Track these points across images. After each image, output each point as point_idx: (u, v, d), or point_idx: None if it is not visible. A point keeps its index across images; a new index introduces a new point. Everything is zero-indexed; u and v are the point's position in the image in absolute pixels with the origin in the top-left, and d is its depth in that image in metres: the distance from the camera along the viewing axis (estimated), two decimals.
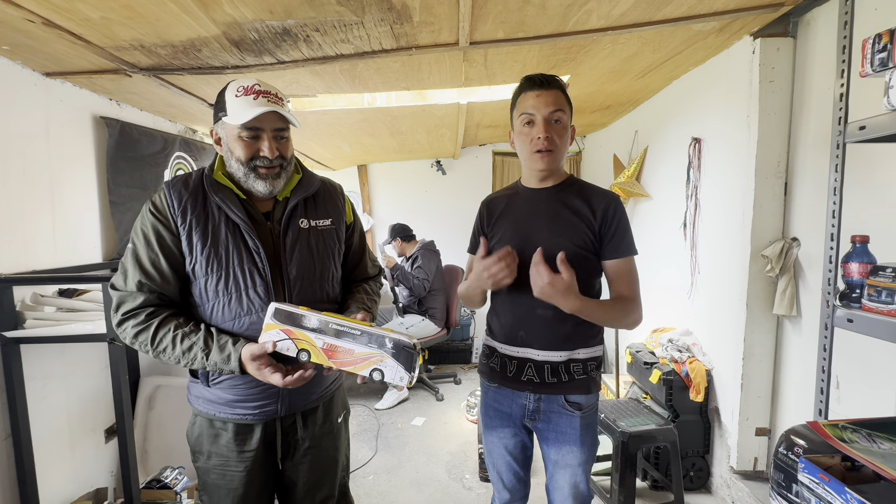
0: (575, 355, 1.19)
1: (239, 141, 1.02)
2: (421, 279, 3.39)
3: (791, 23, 1.75)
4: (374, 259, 1.37)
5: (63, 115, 1.87)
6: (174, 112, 2.36)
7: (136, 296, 1.01)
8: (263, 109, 0.99)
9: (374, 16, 1.41)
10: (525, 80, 1.18)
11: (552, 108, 1.13)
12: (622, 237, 1.18)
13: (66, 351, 1.85)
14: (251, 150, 1.03)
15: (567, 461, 1.22)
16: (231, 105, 1.01)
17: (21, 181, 1.69)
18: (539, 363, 1.20)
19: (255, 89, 1.02)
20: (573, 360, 1.19)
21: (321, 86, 2.06)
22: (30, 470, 1.62)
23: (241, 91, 1.02)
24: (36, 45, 1.48)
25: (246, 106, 1.00)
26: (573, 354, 1.19)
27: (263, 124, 1.02)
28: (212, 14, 1.32)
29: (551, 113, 1.14)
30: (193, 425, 1.14)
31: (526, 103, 1.16)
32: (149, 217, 1.03)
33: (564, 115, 1.16)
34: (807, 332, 1.75)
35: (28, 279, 1.64)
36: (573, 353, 1.19)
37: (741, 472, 1.98)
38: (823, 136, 1.64)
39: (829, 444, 0.85)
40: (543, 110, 1.13)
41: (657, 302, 2.83)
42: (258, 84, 1.03)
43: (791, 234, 1.81)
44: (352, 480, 2.37)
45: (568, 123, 1.18)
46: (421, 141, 3.53)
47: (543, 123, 1.13)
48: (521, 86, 1.20)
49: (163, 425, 2.20)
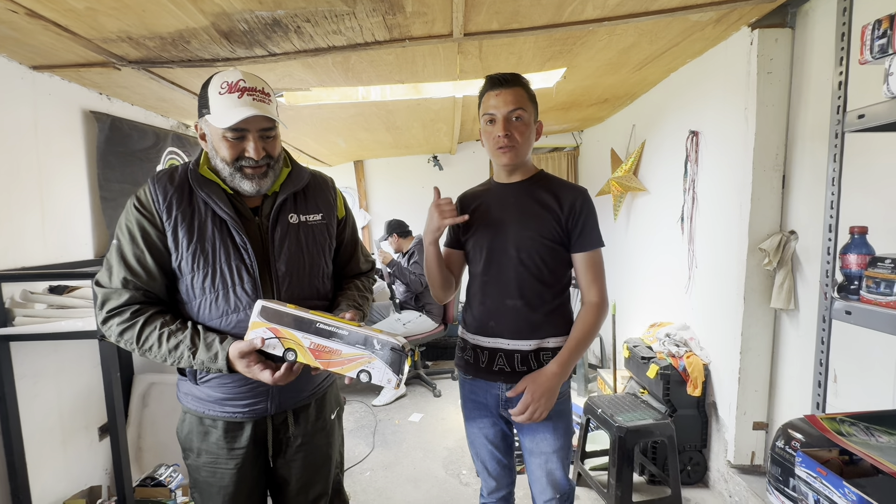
0: (544, 344, 1.23)
1: (224, 141, 0.99)
2: (418, 274, 3.38)
3: (789, 13, 1.72)
4: (368, 254, 1.35)
5: (51, 109, 1.84)
6: (166, 107, 2.33)
7: (121, 293, 0.99)
8: (248, 113, 0.95)
9: (366, 6, 1.39)
10: (487, 80, 1.22)
11: (511, 107, 1.17)
12: (590, 231, 1.22)
13: (57, 348, 1.83)
14: (236, 150, 1.00)
15: (541, 448, 1.25)
16: (214, 103, 0.97)
17: (8, 176, 1.67)
18: (509, 352, 1.23)
19: (240, 86, 0.96)
20: (542, 348, 1.22)
21: (314, 79, 2.03)
22: (21, 468, 1.61)
23: (225, 88, 0.97)
24: (20, 36, 1.45)
25: (230, 105, 0.96)
26: (543, 343, 1.22)
27: (249, 125, 0.98)
28: (199, 4, 1.29)
29: (511, 111, 1.17)
30: (183, 423, 1.12)
31: (488, 103, 1.20)
32: (133, 212, 1.00)
33: (525, 113, 1.18)
34: (804, 326, 1.74)
35: (17, 275, 1.62)
36: (543, 341, 1.22)
37: (738, 466, 1.97)
38: (822, 129, 1.62)
39: (827, 438, 0.84)
40: (503, 109, 1.17)
41: (654, 296, 2.82)
42: (243, 80, 0.97)
43: (789, 228, 1.80)
44: (349, 476, 2.37)
45: (529, 120, 1.20)
46: (417, 136, 3.51)
47: (503, 122, 1.17)
48: (483, 85, 1.23)
49: (157, 423, 2.19)
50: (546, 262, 1.21)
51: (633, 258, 3.12)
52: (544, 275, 1.22)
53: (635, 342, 2.54)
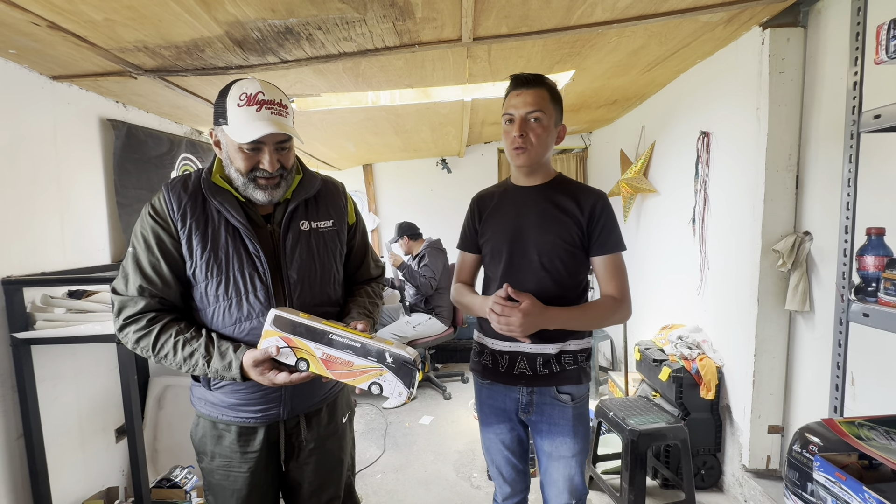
0: (566, 347, 1.22)
1: (239, 153, 1.00)
2: (428, 277, 3.38)
3: (801, 12, 1.71)
4: (378, 260, 1.36)
5: (70, 117, 1.89)
6: (180, 114, 2.37)
7: (137, 300, 1.00)
8: (266, 130, 0.96)
9: (377, 13, 1.40)
10: (511, 79, 1.22)
11: (530, 108, 1.16)
12: (610, 233, 1.21)
13: (76, 352, 1.87)
14: (251, 162, 1.01)
15: (560, 452, 1.24)
16: (232, 115, 0.98)
17: (30, 184, 1.71)
18: (531, 356, 1.22)
19: (259, 99, 0.97)
20: (564, 351, 1.22)
21: (325, 85, 2.06)
22: (42, 469, 1.64)
23: (244, 100, 0.97)
24: (42, 48, 1.50)
25: (248, 119, 0.96)
26: (564, 346, 1.22)
27: (265, 138, 0.99)
28: (214, 14, 1.32)
29: (528, 112, 1.17)
30: (197, 426, 1.14)
31: (508, 102, 1.21)
32: (149, 220, 1.02)
33: (544, 115, 1.17)
34: (820, 328, 1.71)
35: (38, 280, 1.65)
36: (564, 344, 1.22)
37: (754, 470, 1.94)
38: (836, 128, 1.61)
39: (846, 442, 0.83)
40: (521, 110, 1.17)
41: (665, 298, 2.80)
42: (262, 92, 0.98)
43: (803, 228, 1.78)
44: (360, 479, 2.38)
45: (549, 123, 1.19)
46: (426, 139, 3.52)
47: (519, 122, 1.17)
48: (508, 84, 1.23)
49: (172, 425, 2.22)
50: (566, 266, 1.21)
51: (643, 260, 3.10)
52: (564, 278, 1.21)
53: (647, 344, 2.52)
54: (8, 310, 1.58)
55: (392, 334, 3.32)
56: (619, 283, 1.21)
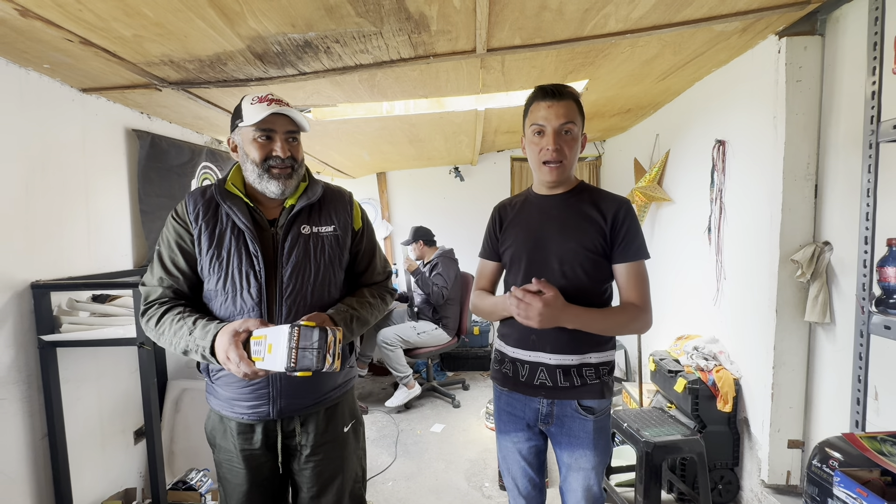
0: (587, 359, 1.20)
1: (254, 143, 1.11)
2: (440, 286, 3.38)
3: (819, 20, 1.69)
4: (386, 265, 1.38)
5: (98, 128, 1.96)
6: (201, 124, 2.45)
7: (156, 289, 1.13)
8: (276, 110, 1.09)
9: (393, 26, 1.44)
10: (538, 90, 1.19)
11: (563, 120, 1.14)
12: (632, 241, 1.18)
13: (97, 354, 1.92)
14: (265, 150, 1.12)
15: (580, 464, 1.22)
16: (247, 111, 1.12)
17: (60, 193, 1.78)
18: (551, 367, 1.20)
19: (269, 98, 1.13)
20: (585, 364, 1.20)
21: (341, 95, 2.10)
22: (64, 469, 1.69)
23: (256, 100, 1.12)
24: (74, 62, 1.56)
25: (260, 110, 1.10)
26: (585, 358, 1.20)
27: (276, 126, 1.11)
28: (237, 29, 1.37)
29: (562, 125, 1.15)
30: (209, 419, 1.22)
31: (537, 113, 1.17)
32: (171, 222, 1.16)
33: (575, 127, 1.16)
34: (841, 340, 1.67)
35: (65, 285, 1.71)
36: (585, 356, 1.20)
37: (773, 485, 1.90)
38: (855, 137, 1.58)
39: (867, 458, 0.81)
40: (554, 122, 1.15)
41: (680, 308, 2.76)
42: (271, 94, 1.14)
43: (822, 238, 1.74)
44: (371, 486, 2.38)
45: (578, 134, 1.19)
46: (439, 148, 3.56)
47: (553, 135, 1.15)
48: (533, 94, 1.21)
49: (188, 427, 2.26)
50: (588, 275, 1.18)
51: (658, 269, 3.06)
52: (586, 287, 1.19)
53: (661, 355, 2.48)
54: (36, 313, 1.63)
55: (396, 335, 3.34)
56: (640, 291, 1.18)
